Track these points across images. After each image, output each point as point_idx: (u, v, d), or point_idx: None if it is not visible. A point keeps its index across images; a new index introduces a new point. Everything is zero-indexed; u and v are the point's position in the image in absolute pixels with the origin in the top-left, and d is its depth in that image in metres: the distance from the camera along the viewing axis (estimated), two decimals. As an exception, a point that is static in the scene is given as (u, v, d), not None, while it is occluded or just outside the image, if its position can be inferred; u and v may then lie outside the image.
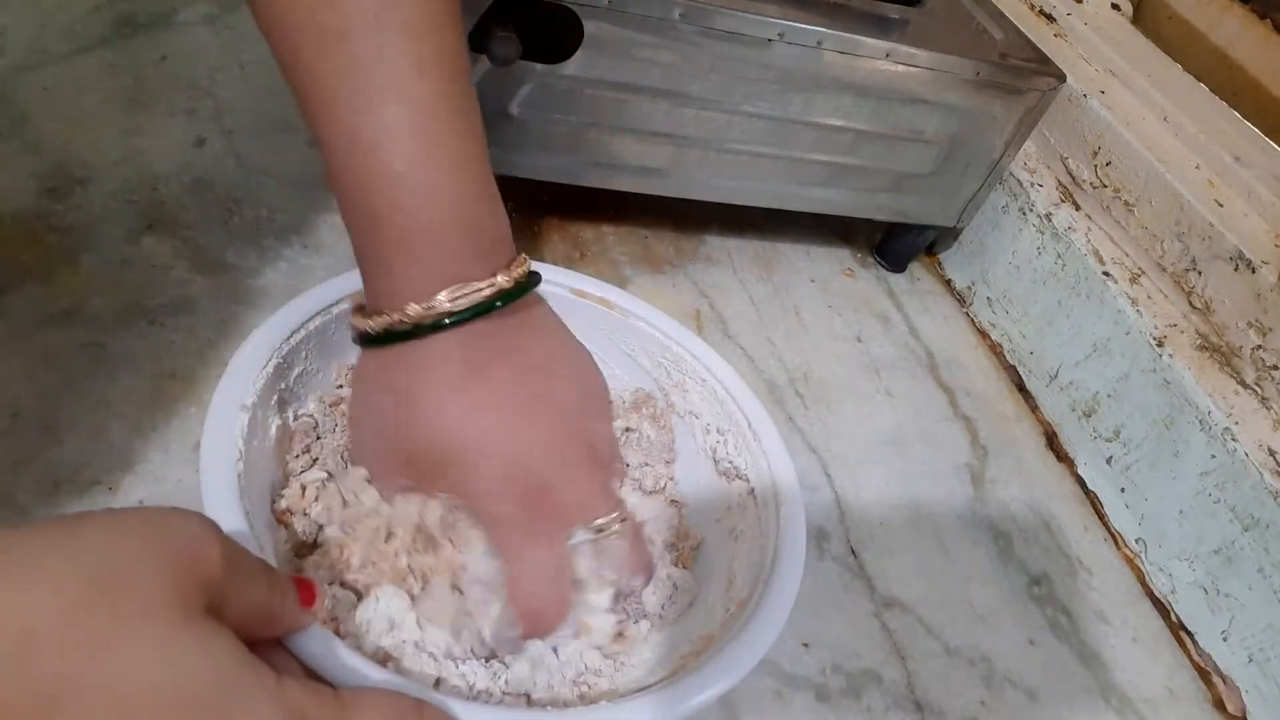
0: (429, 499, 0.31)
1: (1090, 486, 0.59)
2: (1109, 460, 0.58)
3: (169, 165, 0.52)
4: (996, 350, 0.67)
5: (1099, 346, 0.59)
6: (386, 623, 0.29)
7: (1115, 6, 0.75)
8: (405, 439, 0.30)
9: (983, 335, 0.68)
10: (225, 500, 0.28)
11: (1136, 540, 0.56)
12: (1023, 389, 0.65)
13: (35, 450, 0.38)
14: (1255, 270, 0.54)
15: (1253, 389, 0.54)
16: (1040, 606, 0.50)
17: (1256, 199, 0.58)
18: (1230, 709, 0.49)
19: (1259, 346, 0.54)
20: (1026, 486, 0.57)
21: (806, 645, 0.43)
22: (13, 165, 0.48)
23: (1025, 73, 0.58)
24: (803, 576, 0.34)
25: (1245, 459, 0.49)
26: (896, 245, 0.70)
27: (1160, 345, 0.55)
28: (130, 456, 0.39)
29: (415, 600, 0.31)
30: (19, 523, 0.35)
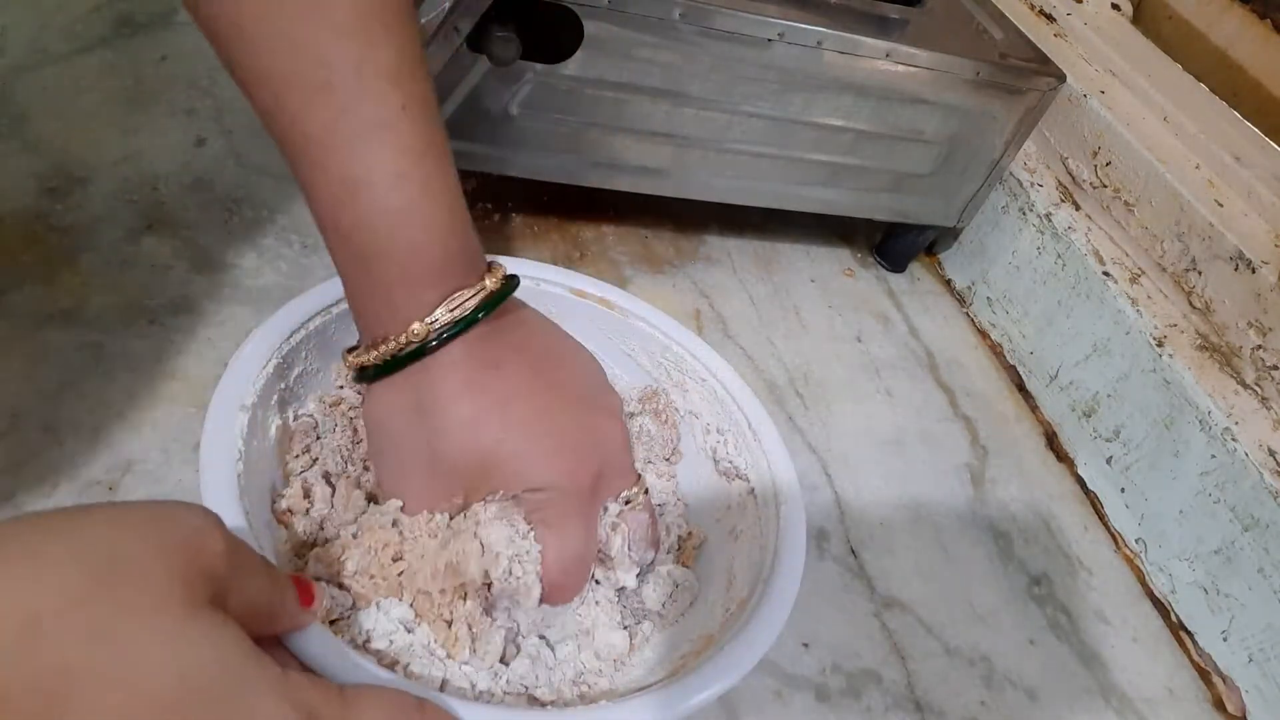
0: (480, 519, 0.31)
1: (1090, 486, 0.59)
2: (1109, 460, 0.58)
3: (169, 165, 0.52)
4: (996, 350, 0.67)
5: (1099, 346, 0.59)
6: (390, 627, 0.29)
7: (1115, 6, 0.75)
8: (443, 452, 0.31)
9: (983, 335, 0.68)
10: (225, 500, 0.28)
11: (1136, 540, 0.56)
12: (1023, 389, 0.65)
13: (35, 450, 0.38)
14: (1255, 270, 0.54)
15: (1253, 389, 0.54)
16: (1040, 606, 0.50)
17: (1256, 199, 0.58)
18: (1230, 709, 0.49)
19: (1259, 346, 0.54)
20: (1026, 486, 0.57)
21: (806, 645, 0.43)
22: (13, 165, 0.48)
23: (1025, 73, 0.58)
24: (803, 576, 0.34)
25: (1245, 459, 0.49)
26: (896, 245, 0.70)
27: (1160, 345, 0.55)
28: (130, 456, 0.39)
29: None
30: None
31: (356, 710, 0.22)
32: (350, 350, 0.32)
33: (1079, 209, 0.65)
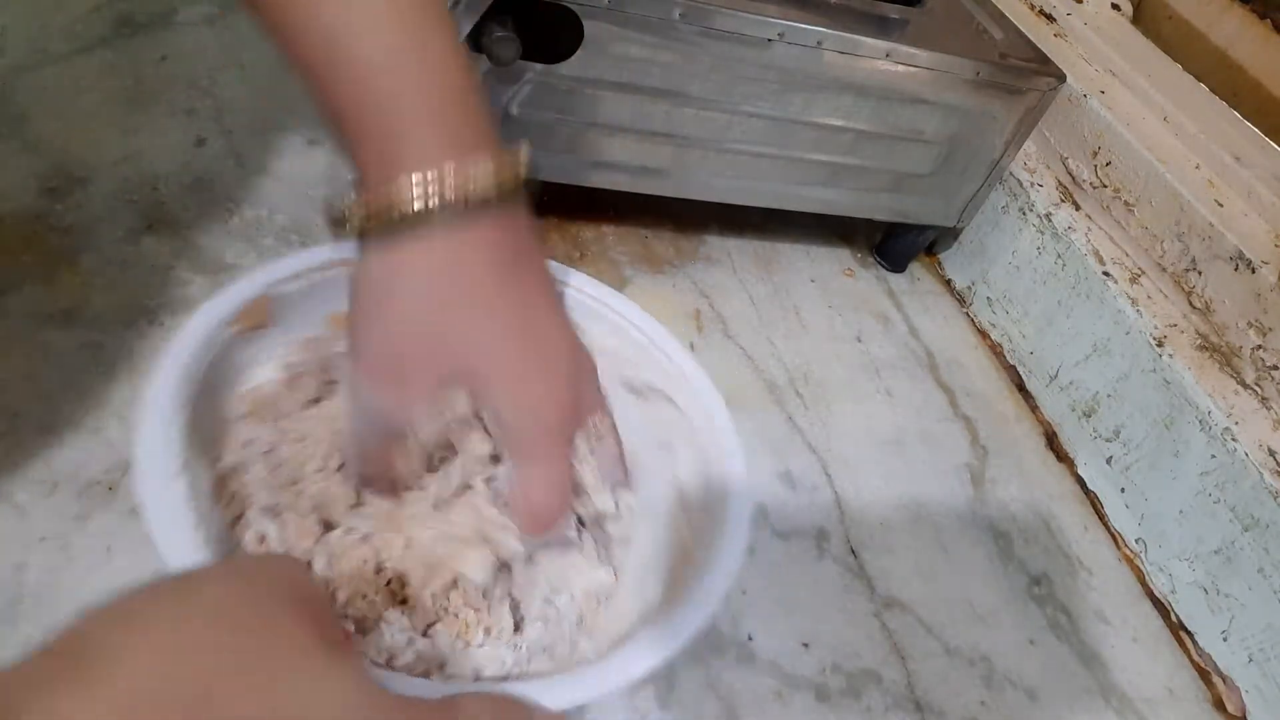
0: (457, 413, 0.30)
1: (1090, 486, 0.59)
2: (1109, 460, 0.58)
3: (169, 165, 0.52)
4: (996, 350, 0.67)
5: (1099, 346, 0.59)
6: (403, 639, 0.30)
7: (1115, 6, 0.75)
8: (441, 326, 0.29)
9: (983, 335, 0.68)
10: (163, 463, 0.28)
11: (1136, 540, 0.56)
12: (1023, 389, 0.65)
13: (35, 450, 0.38)
14: (1255, 270, 0.54)
15: (1253, 389, 0.54)
16: (1040, 606, 0.50)
17: (1256, 199, 0.58)
18: (1230, 709, 0.49)
19: (1259, 346, 0.54)
20: (1026, 486, 0.57)
21: (806, 645, 0.43)
22: (13, 165, 0.48)
23: (1025, 73, 0.58)
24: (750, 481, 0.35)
25: (1245, 459, 0.49)
26: (896, 245, 0.70)
27: (1160, 345, 0.55)
28: (130, 456, 0.39)
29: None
30: (21, 526, 0.35)
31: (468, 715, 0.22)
32: (340, 215, 0.30)
33: (1079, 209, 0.65)
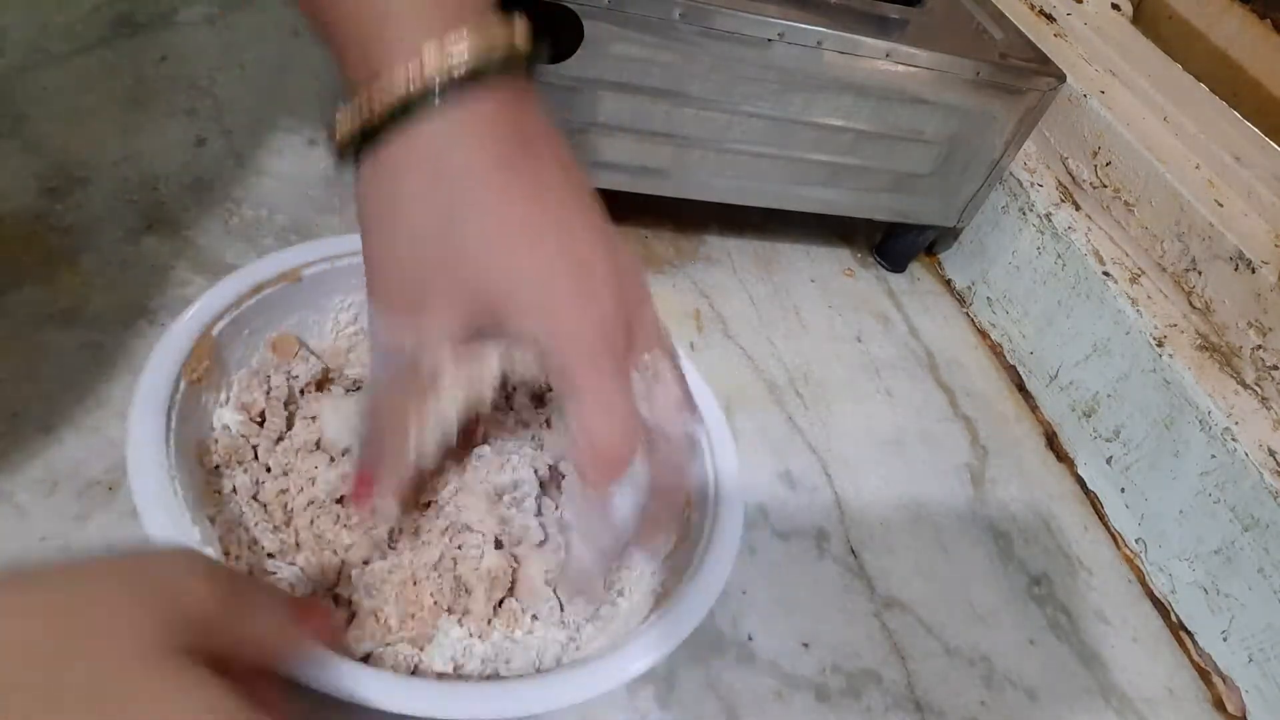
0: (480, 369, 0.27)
1: (1090, 486, 0.59)
2: (1109, 460, 0.58)
3: (169, 165, 0.52)
4: (996, 350, 0.67)
5: (1099, 346, 0.59)
6: (459, 647, 0.30)
7: (1115, 6, 0.75)
8: (454, 241, 0.25)
9: (983, 335, 0.68)
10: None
11: (1136, 540, 0.56)
12: (1023, 389, 0.65)
13: (35, 450, 0.38)
14: (1255, 270, 0.54)
15: (1253, 389, 0.54)
16: (1040, 606, 0.50)
17: (1256, 199, 0.58)
18: (1230, 709, 0.49)
19: (1259, 346, 0.54)
20: (1026, 486, 0.57)
21: (806, 645, 0.43)
22: (13, 165, 0.48)
23: (1025, 73, 0.58)
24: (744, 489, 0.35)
25: (1245, 459, 0.49)
26: (896, 245, 0.70)
27: (1160, 345, 0.55)
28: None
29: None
30: (21, 526, 0.35)
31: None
32: (334, 121, 0.26)
33: (1079, 209, 0.65)
